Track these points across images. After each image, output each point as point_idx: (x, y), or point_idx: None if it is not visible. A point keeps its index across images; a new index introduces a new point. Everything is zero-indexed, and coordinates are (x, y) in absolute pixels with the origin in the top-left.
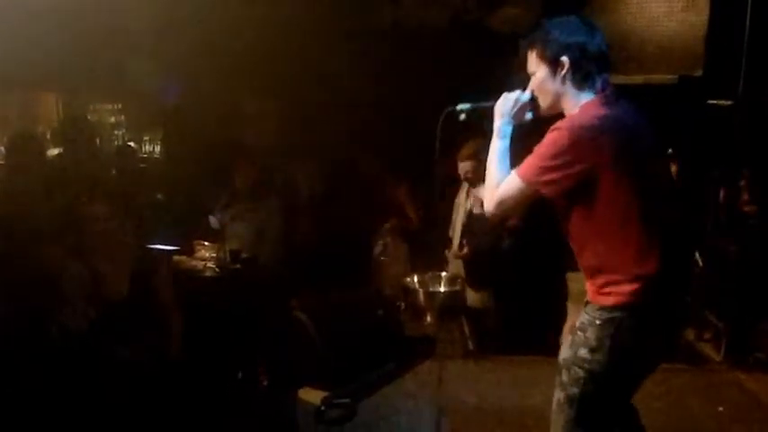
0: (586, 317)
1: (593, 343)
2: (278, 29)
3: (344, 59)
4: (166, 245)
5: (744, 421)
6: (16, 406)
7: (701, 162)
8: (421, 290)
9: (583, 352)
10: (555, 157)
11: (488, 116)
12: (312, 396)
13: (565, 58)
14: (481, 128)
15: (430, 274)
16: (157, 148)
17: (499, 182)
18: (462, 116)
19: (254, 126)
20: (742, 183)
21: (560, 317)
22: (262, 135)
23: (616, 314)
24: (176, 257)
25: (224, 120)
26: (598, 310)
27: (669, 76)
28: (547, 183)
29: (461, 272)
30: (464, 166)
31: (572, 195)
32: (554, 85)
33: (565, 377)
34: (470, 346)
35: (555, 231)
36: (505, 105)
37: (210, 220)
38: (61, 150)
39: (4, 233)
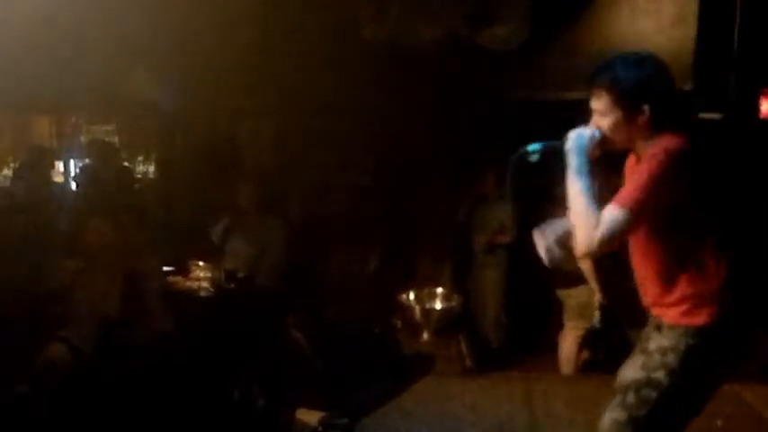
0: (667, 342)
1: (675, 367)
2: (273, 47)
3: (340, 76)
4: (161, 265)
5: None
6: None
7: None
8: (417, 306)
9: (660, 375)
10: (658, 182)
11: (559, 155)
12: (309, 416)
13: (646, 107)
14: (552, 167)
15: (426, 290)
16: (152, 169)
17: (595, 221)
18: (535, 157)
19: (249, 145)
20: None
21: (553, 333)
22: (257, 154)
23: (701, 339)
24: (171, 278)
25: (220, 139)
26: (682, 335)
27: None
28: (654, 208)
29: None
30: None
31: (671, 219)
32: (630, 129)
33: (631, 399)
34: (468, 363)
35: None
36: (580, 143)
37: (213, 233)
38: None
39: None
